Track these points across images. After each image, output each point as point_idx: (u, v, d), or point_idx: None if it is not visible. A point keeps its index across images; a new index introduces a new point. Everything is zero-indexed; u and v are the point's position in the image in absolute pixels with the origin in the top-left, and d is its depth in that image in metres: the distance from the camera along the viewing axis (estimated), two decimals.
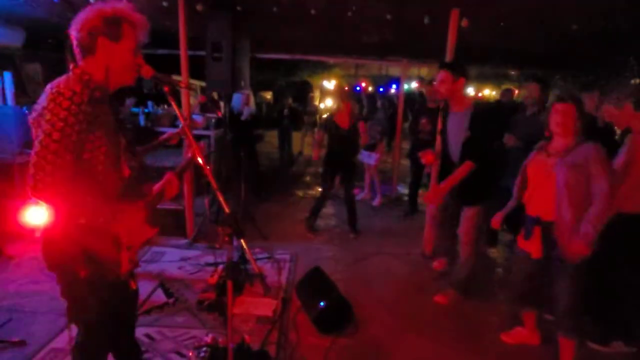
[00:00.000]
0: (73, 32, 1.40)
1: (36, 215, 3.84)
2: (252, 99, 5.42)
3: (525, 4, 3.49)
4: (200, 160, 1.59)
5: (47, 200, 1.31)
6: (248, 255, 1.56)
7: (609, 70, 6.20)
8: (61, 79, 1.38)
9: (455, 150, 3.01)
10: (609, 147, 2.35)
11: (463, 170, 2.85)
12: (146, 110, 5.57)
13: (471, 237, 3.04)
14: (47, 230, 1.44)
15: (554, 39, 4.45)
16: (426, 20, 3.66)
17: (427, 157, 3.25)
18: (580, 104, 2.29)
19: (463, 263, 3.14)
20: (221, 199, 1.53)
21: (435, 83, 3.06)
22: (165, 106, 5.75)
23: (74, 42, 1.40)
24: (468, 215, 3.02)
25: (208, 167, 1.58)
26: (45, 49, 5.18)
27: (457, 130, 2.97)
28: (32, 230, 3.88)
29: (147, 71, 1.54)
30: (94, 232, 1.40)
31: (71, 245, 1.40)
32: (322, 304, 2.72)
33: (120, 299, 1.58)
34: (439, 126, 3.34)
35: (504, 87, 10.62)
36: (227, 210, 1.52)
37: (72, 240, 1.40)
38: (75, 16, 1.43)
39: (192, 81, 4.46)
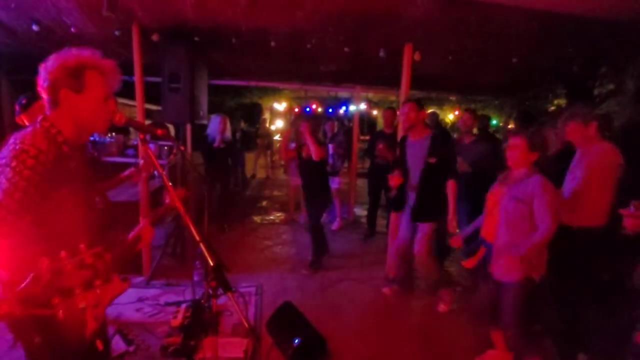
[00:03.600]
0: (40, 83, 1.32)
1: None
2: (228, 126, 5.32)
3: (471, 40, 3.78)
4: (180, 207, 1.52)
5: None
6: (237, 310, 1.50)
7: (538, 95, 6.85)
8: (26, 132, 1.28)
9: (415, 174, 3.30)
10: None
11: (452, 189, 3.16)
12: (91, 139, 5.23)
13: (430, 250, 3.36)
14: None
15: (495, 70, 4.84)
16: (381, 54, 3.84)
17: (395, 180, 3.36)
18: (532, 138, 2.37)
19: (430, 271, 3.46)
20: (205, 250, 1.47)
21: (403, 112, 3.29)
22: (113, 134, 5.42)
23: (42, 94, 1.32)
24: (425, 231, 3.29)
25: (188, 215, 1.52)
26: None
27: (418, 156, 3.26)
28: None
29: (120, 119, 1.49)
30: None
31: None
32: (296, 340, 2.67)
33: None
34: (398, 154, 3.54)
35: (445, 108, 11.33)
36: (211, 262, 1.46)
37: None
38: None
39: (147, 106, 4.27)
